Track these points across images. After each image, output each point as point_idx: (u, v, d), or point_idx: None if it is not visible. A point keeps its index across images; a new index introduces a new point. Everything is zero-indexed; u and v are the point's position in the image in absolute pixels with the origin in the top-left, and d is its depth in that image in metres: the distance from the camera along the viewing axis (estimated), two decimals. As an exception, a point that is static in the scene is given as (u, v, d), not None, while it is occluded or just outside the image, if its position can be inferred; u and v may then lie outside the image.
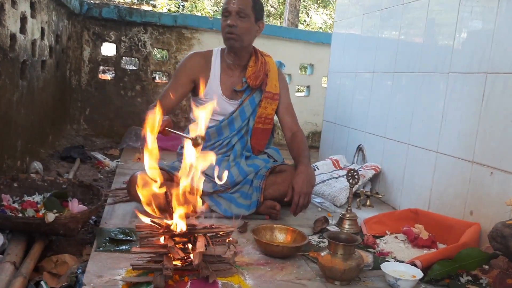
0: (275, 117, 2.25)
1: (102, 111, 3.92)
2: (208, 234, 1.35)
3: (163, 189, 1.36)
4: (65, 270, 1.43)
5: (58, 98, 3.27)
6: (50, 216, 1.50)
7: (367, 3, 2.95)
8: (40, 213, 1.66)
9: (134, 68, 4.29)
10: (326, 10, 16.05)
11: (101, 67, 4.03)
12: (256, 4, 2.06)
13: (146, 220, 1.34)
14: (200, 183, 1.41)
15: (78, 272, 1.39)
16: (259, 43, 2.55)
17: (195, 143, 1.48)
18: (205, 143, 2.12)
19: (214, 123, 2.15)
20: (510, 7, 1.75)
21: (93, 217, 1.90)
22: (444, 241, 1.82)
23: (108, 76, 4.52)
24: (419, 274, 1.45)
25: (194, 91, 2.18)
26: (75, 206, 1.72)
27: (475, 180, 1.87)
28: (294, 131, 2.16)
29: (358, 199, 2.37)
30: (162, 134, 1.69)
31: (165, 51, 4.25)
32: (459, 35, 2.04)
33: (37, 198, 1.83)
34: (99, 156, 3.21)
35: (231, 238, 1.40)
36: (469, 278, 1.50)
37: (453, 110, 2.04)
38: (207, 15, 12.39)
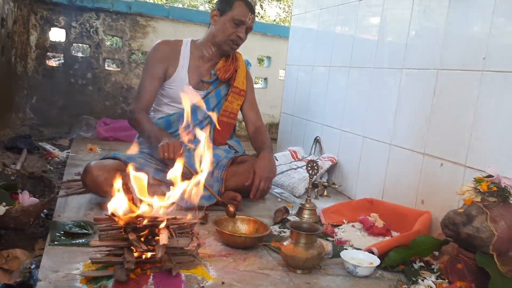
0: (239, 114, 2.29)
1: (50, 100, 3.74)
2: (171, 226, 1.33)
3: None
4: (17, 266, 1.36)
5: (3, 85, 3.08)
6: (0, 210, 1.41)
7: (324, -2, 2.99)
8: (-12, 206, 1.56)
9: (82, 55, 4.12)
10: (280, 3, 16.13)
11: (49, 53, 3.84)
12: None
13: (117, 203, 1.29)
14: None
15: (32, 267, 1.33)
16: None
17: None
18: (166, 130, 2.11)
19: (177, 111, 2.14)
20: (460, 6, 1.84)
21: (45, 210, 1.81)
22: (398, 229, 1.90)
23: (54, 63, 4.31)
24: (376, 261, 1.50)
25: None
26: (26, 199, 1.63)
27: (426, 171, 1.96)
28: (258, 126, 2.22)
29: (316, 190, 2.42)
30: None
31: (117, 38, 4.11)
32: (412, 32, 2.12)
33: (-17, 190, 1.72)
34: (48, 146, 3.07)
35: (193, 230, 1.39)
36: (422, 264, 1.57)
37: (406, 104, 2.12)
38: (160, 2, 12.08)
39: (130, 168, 1.34)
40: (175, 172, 1.39)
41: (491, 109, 1.65)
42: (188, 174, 1.78)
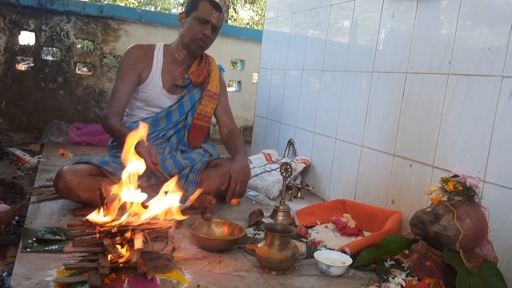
0: (213, 118, 2.31)
1: (20, 104, 3.66)
2: (146, 231, 1.33)
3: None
4: (-12, 274, 1.34)
5: (-31, 89, 3.00)
6: (-31, 217, 1.38)
7: (296, 2, 3.03)
8: (-44, 214, 1.52)
9: (53, 58, 4.05)
10: (253, 6, 16.20)
11: (18, 57, 3.75)
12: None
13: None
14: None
15: (4, 275, 1.31)
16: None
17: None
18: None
19: (151, 114, 2.15)
20: (426, 11, 1.91)
21: (16, 217, 1.78)
22: (369, 229, 1.95)
23: (23, 67, 4.22)
24: (348, 260, 1.54)
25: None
26: (-4, 206, 1.60)
27: (396, 171, 2.02)
28: (231, 128, 2.25)
29: (290, 192, 2.45)
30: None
31: (89, 41, 4.05)
32: (381, 36, 2.18)
33: (-49, 198, 1.68)
34: (18, 152, 3.00)
35: (168, 234, 1.39)
36: (393, 262, 1.62)
37: (377, 106, 2.18)
38: (131, 5, 11.95)
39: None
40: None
41: (457, 111, 1.71)
42: (162, 177, 1.78)
